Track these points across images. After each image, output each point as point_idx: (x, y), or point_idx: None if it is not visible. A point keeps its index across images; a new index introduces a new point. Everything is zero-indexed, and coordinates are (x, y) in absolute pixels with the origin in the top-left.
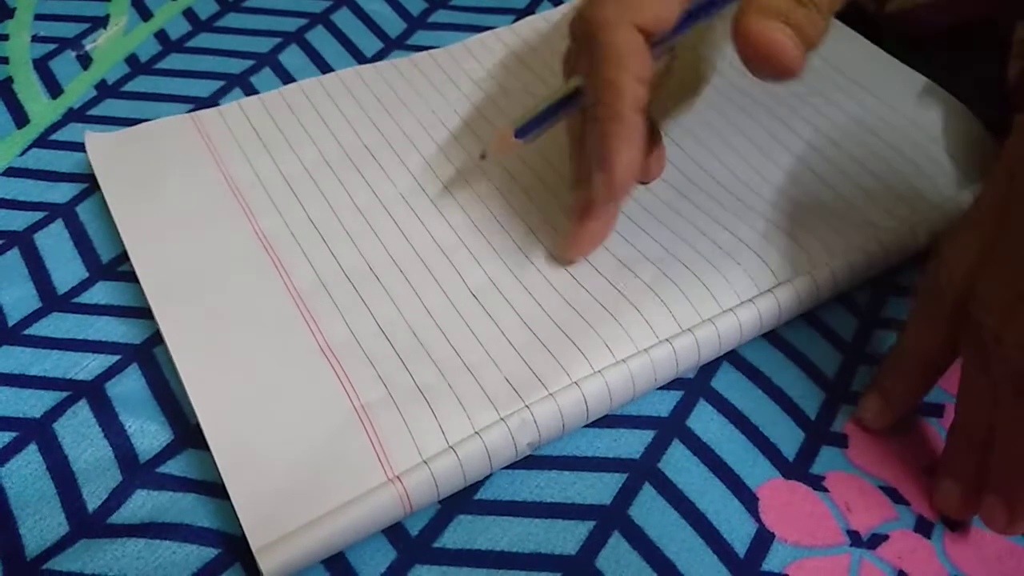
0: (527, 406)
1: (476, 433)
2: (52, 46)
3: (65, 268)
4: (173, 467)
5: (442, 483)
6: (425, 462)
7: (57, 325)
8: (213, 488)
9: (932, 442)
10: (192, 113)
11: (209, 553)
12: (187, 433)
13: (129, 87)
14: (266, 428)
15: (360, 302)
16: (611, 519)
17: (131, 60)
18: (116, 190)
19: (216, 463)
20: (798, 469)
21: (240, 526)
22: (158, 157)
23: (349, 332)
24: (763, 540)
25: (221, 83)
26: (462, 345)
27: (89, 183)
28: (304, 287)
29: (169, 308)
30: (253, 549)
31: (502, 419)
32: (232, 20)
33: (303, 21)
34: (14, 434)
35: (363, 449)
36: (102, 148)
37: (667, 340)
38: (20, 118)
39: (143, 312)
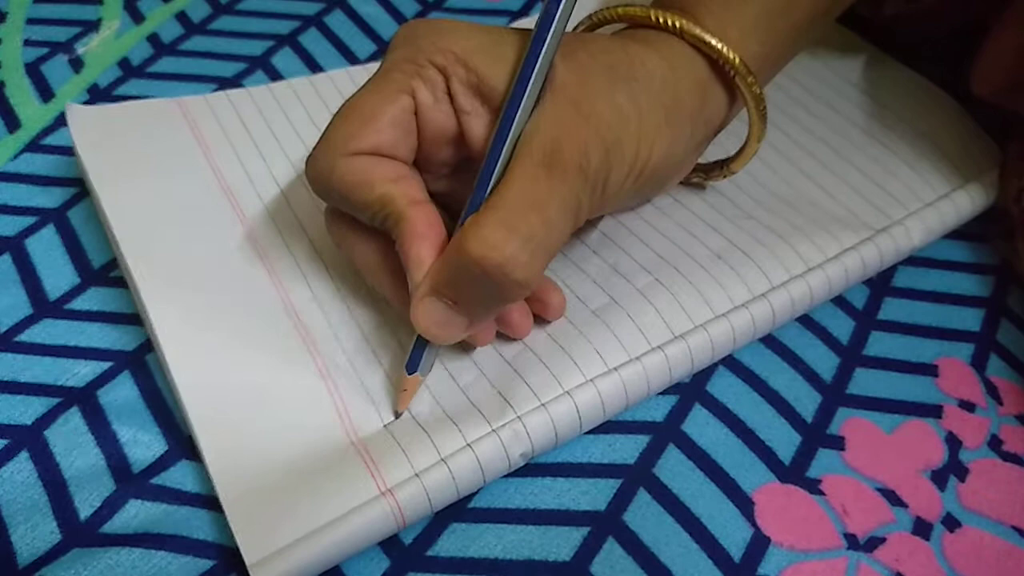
0: (519, 417)
1: (468, 445)
2: (44, 50)
3: (56, 274)
4: (167, 479)
5: (434, 496)
6: (417, 475)
7: (48, 331)
8: (208, 501)
9: (929, 444)
10: (178, 99)
11: (204, 564)
12: (181, 444)
13: (121, 91)
14: (261, 443)
15: (356, 327)
16: (606, 525)
17: (123, 64)
18: (99, 169)
19: (212, 478)
20: (794, 473)
21: (235, 539)
22: (143, 139)
23: (347, 359)
24: (759, 544)
25: (214, 86)
26: (455, 364)
27: (81, 187)
28: (303, 308)
29: (166, 317)
30: (247, 564)
31: (494, 431)
32: (225, 23)
33: (296, 24)
34: (5, 441)
35: (355, 463)
36: (85, 123)
37: (660, 347)
38: (11, 122)
39: (135, 319)
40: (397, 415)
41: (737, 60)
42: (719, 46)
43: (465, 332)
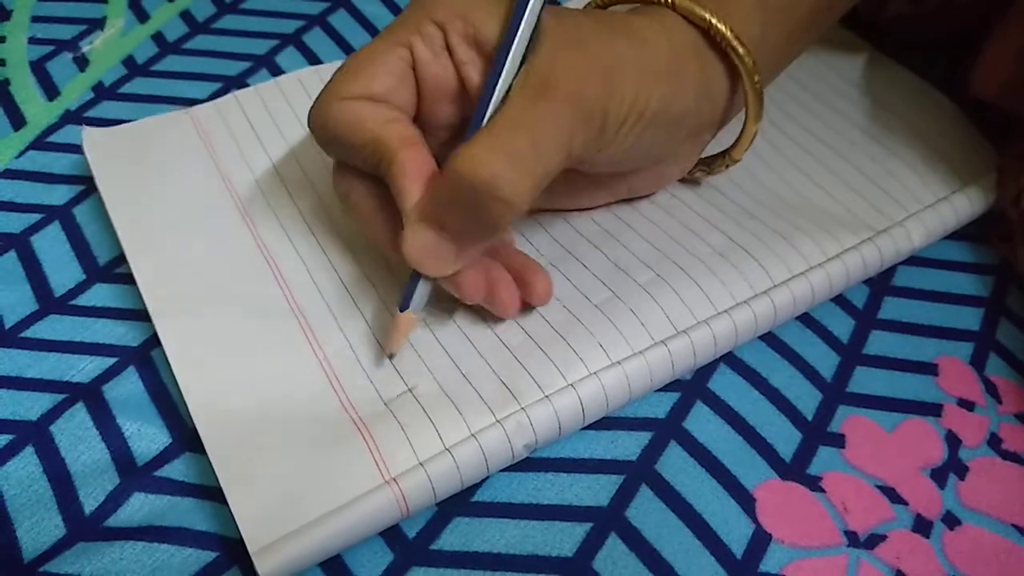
0: (523, 408)
1: (472, 435)
2: (49, 48)
3: (62, 270)
4: (171, 471)
5: (439, 485)
6: (421, 464)
7: (54, 327)
8: (211, 492)
9: (929, 442)
10: (189, 109)
11: (207, 556)
12: (185, 436)
13: (126, 89)
14: (263, 432)
15: (358, 314)
16: (608, 521)
17: (128, 62)
18: (113, 189)
19: (213, 467)
20: (795, 470)
21: (238, 530)
22: (155, 155)
23: (347, 344)
24: (760, 541)
25: (218, 85)
26: (457, 350)
27: (86, 185)
28: (304, 301)
29: (167, 313)
30: (250, 552)
31: (498, 421)
32: (229, 22)
33: (300, 23)
34: (11, 436)
35: (359, 451)
36: (99, 144)
37: (662, 342)
38: (17, 120)
39: (140, 314)
40: (390, 357)
41: (727, 30)
42: (707, 16)
43: (454, 263)
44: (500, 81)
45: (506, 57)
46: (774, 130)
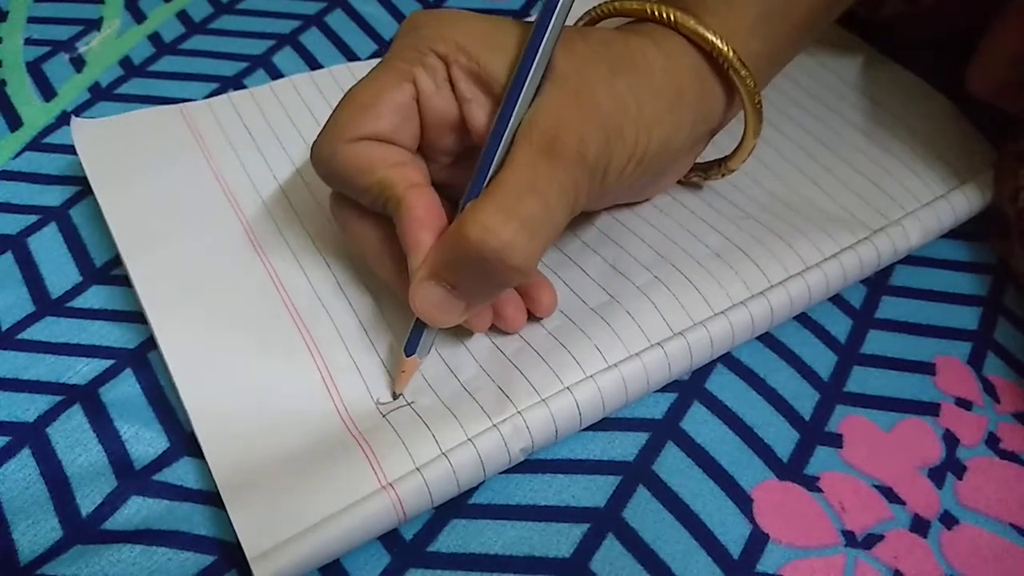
0: (519, 412)
1: (469, 440)
2: (45, 49)
3: (59, 272)
4: (169, 475)
5: (435, 490)
6: (418, 469)
7: (51, 329)
8: (209, 496)
9: (927, 441)
10: (180, 105)
11: (205, 560)
12: (182, 440)
13: (122, 89)
14: (261, 437)
15: (356, 320)
16: (605, 521)
17: (124, 62)
18: (106, 187)
19: (212, 472)
20: (792, 470)
21: (236, 534)
22: (148, 152)
23: (346, 352)
24: (757, 541)
25: (215, 85)
26: (456, 361)
27: (82, 186)
28: (302, 304)
29: (164, 318)
30: (248, 558)
31: (495, 426)
32: (226, 22)
33: (297, 23)
34: (7, 438)
35: (356, 457)
36: (89, 138)
37: (659, 344)
38: (13, 121)
39: (137, 316)
40: (395, 396)
41: (730, 52)
42: (712, 38)
43: (462, 316)
44: (505, 135)
45: (513, 108)
46: (771, 130)
